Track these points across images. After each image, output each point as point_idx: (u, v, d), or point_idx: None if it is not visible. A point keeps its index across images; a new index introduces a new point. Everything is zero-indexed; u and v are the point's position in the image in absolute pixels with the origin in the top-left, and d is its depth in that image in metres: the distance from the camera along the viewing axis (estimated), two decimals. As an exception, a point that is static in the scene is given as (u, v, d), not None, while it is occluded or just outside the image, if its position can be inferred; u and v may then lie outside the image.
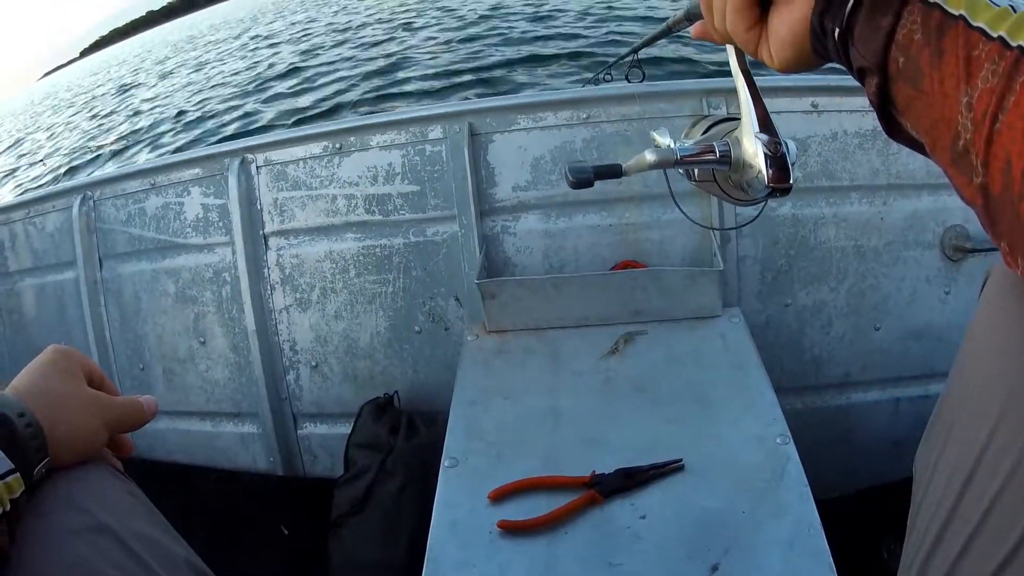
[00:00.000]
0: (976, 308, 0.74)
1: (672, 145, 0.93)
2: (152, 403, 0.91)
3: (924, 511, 0.76)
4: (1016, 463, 0.64)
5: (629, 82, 1.61)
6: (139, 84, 19.96)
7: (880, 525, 1.69)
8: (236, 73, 14.12)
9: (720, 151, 0.87)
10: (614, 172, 0.97)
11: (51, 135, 15.76)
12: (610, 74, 1.69)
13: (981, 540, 0.67)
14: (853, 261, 1.91)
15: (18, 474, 0.71)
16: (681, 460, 1.29)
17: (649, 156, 0.92)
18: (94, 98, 21.37)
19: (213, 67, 16.88)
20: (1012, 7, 0.54)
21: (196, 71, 17.63)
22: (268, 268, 2.09)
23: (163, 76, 19.73)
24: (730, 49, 0.85)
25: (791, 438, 1.31)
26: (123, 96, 18.24)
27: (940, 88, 0.56)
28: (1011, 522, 0.64)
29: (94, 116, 15.94)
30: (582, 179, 0.97)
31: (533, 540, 1.20)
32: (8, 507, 0.70)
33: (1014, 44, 0.51)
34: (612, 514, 1.23)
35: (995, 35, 0.52)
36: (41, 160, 11.70)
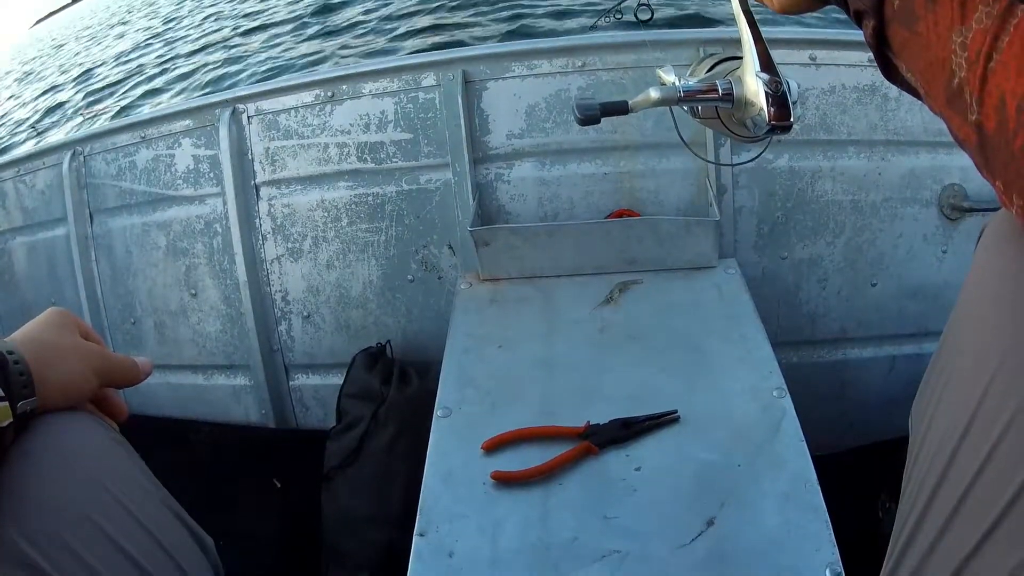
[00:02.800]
0: (972, 260, 0.73)
1: (676, 83, 0.93)
2: (147, 364, 0.92)
3: (920, 464, 0.75)
4: (1014, 414, 0.63)
5: (637, 19, 1.60)
6: (135, 29, 19.70)
7: (875, 482, 1.70)
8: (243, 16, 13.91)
9: (723, 89, 0.89)
10: (620, 109, 0.99)
11: (52, 85, 15.56)
12: (619, 11, 1.67)
13: (979, 490, 0.66)
14: (850, 215, 1.90)
15: (6, 404, 0.72)
16: (676, 411, 1.28)
17: (654, 93, 0.94)
18: (89, 45, 21.12)
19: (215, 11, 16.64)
20: None
21: (197, 14, 17.39)
22: (259, 218, 2.07)
23: (161, 19, 19.46)
24: None
25: (787, 391, 1.31)
26: (119, 43, 18.00)
27: (935, 30, 0.57)
28: (1009, 472, 0.63)
29: (90, 67, 15.73)
30: (589, 115, 0.98)
31: (527, 491, 1.19)
32: None
33: None
34: (607, 465, 1.22)
35: None
36: (33, 126, 11.59)
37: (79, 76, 14.61)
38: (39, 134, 10.23)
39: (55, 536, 0.72)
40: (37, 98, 13.92)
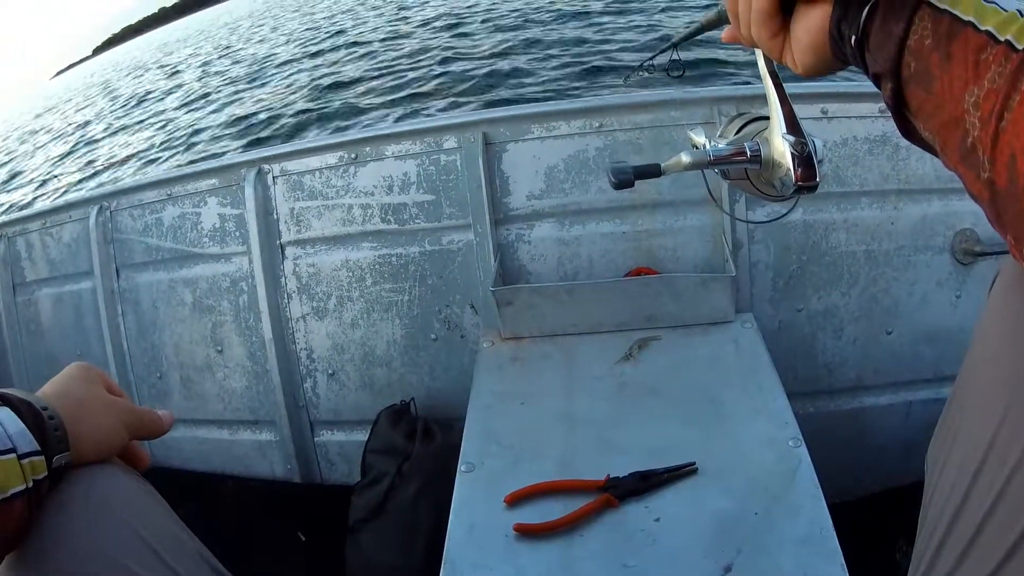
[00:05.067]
0: (985, 306, 0.76)
1: (707, 146, 0.97)
2: (169, 416, 0.96)
3: (934, 506, 0.77)
4: (1022, 456, 0.66)
5: (670, 75, 1.65)
6: (153, 87, 20.07)
7: (893, 528, 1.70)
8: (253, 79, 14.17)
9: (751, 151, 0.91)
10: (653, 172, 1.02)
11: (72, 136, 15.78)
12: (653, 65, 1.72)
13: (989, 529, 0.68)
14: (864, 266, 1.91)
15: (42, 457, 0.75)
16: (695, 463, 1.30)
17: (685, 157, 0.97)
18: (109, 100, 21.51)
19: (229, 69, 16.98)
20: (1020, 11, 0.56)
21: (213, 72, 17.73)
22: (285, 277, 2.11)
23: (176, 75, 19.83)
24: (758, 53, 0.88)
25: (803, 441, 1.32)
26: (138, 100, 18.33)
27: (949, 90, 0.58)
28: (1018, 511, 0.65)
29: (109, 122, 16.01)
30: (623, 179, 1.02)
31: (549, 543, 1.21)
32: (31, 484, 0.73)
33: (1020, 47, 0.53)
34: (627, 517, 1.24)
35: (1002, 39, 0.54)
36: (56, 176, 11.78)
37: (93, 128, 14.86)
38: (62, 185, 10.40)
39: None
40: (54, 148, 14.17)
